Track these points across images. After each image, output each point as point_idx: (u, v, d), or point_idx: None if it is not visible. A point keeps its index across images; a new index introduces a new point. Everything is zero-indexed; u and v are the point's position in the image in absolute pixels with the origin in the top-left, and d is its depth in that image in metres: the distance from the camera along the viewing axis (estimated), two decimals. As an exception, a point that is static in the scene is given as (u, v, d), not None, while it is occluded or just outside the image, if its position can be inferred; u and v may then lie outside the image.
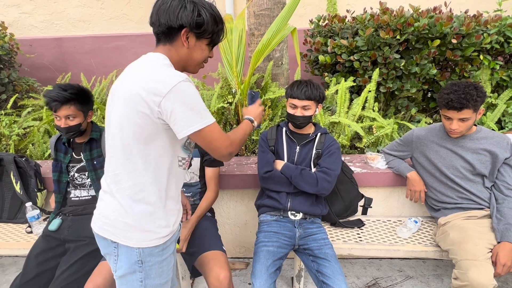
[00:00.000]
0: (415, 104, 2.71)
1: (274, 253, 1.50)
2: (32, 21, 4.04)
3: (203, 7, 0.95)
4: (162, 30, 0.95)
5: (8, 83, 3.11)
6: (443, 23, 2.29)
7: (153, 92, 0.87)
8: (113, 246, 1.00)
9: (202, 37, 0.98)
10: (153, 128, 0.91)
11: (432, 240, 1.71)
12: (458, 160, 1.66)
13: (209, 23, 0.96)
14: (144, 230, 0.98)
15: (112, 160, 0.99)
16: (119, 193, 0.98)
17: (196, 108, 0.91)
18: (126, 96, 0.90)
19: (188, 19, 0.93)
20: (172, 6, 0.93)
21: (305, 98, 1.56)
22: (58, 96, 1.49)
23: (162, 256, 1.03)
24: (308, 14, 3.65)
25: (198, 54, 1.01)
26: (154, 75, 0.89)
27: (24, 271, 1.46)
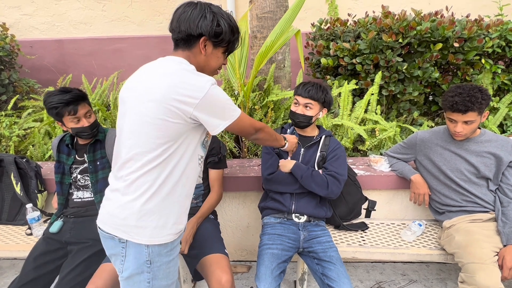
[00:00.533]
0: (417, 108, 2.72)
1: (279, 255, 1.48)
2: (33, 22, 4.04)
3: (222, 18, 1.02)
4: (181, 37, 1.01)
5: (9, 84, 3.09)
6: (446, 27, 2.30)
7: (189, 95, 0.92)
8: (121, 246, 1.00)
9: (219, 45, 1.05)
10: (182, 127, 0.96)
11: (436, 244, 1.70)
12: (463, 163, 1.65)
13: (227, 33, 1.03)
14: (156, 226, 0.99)
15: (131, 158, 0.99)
16: (133, 190, 0.98)
17: (227, 106, 1.00)
18: (159, 96, 0.93)
19: (207, 28, 0.99)
20: (193, 15, 0.99)
21: (307, 96, 1.57)
22: (73, 96, 1.50)
23: (170, 257, 1.04)
24: (309, 17, 3.66)
25: (214, 62, 1.08)
26: (188, 79, 0.94)
27: (22, 273, 1.44)
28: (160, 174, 0.98)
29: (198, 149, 1.06)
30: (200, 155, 1.08)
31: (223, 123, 1.00)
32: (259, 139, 1.23)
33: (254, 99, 2.41)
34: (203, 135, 1.07)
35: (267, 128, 1.24)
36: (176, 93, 0.92)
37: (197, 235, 1.54)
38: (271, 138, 1.31)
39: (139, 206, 0.97)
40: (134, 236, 0.98)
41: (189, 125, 0.97)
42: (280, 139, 1.42)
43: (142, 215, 0.97)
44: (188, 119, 0.95)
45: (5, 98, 2.96)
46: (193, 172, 1.07)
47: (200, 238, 1.53)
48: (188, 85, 0.93)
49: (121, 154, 1.02)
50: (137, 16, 4.00)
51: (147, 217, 0.98)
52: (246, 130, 1.12)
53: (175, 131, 0.96)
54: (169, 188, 0.99)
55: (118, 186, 1.01)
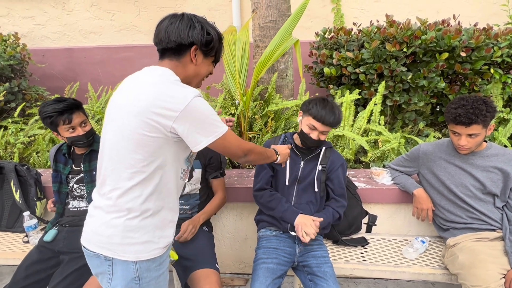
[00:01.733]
0: (423, 118, 2.64)
1: (274, 270, 1.44)
2: (45, 32, 4.16)
3: (210, 26, 1.03)
4: (171, 46, 0.99)
5: (18, 92, 3.17)
6: (452, 36, 2.24)
7: (168, 107, 0.89)
8: (107, 264, 0.97)
9: (209, 54, 1.05)
10: (162, 142, 0.93)
11: (440, 262, 1.62)
12: (468, 178, 1.58)
13: (216, 41, 1.04)
14: (142, 241, 0.96)
15: (112, 173, 0.97)
16: (117, 208, 0.96)
17: (210, 120, 0.95)
18: (139, 109, 0.91)
19: (198, 37, 0.99)
20: (181, 25, 0.98)
21: (330, 125, 1.46)
22: (67, 105, 1.50)
23: (159, 271, 1.02)
24: (315, 26, 3.65)
25: (204, 70, 1.07)
26: (168, 91, 0.91)
27: (12, 281, 1.44)
28: (142, 190, 0.95)
29: (181, 163, 1.03)
30: (182, 169, 1.05)
31: (205, 139, 0.94)
32: (248, 161, 1.15)
33: (255, 108, 2.39)
34: (188, 150, 1.03)
35: (256, 148, 1.15)
36: (155, 105, 0.89)
37: (188, 248, 1.51)
38: (262, 157, 1.22)
39: (123, 223, 0.95)
40: (120, 254, 0.96)
41: (170, 139, 0.94)
42: (271, 155, 1.31)
43: (127, 232, 0.95)
44: (168, 133, 0.92)
45: (14, 105, 3.03)
46: (176, 187, 1.04)
47: (191, 251, 1.50)
48: (168, 97, 0.90)
49: (101, 169, 1.00)
50: (145, 25, 4.07)
51: (133, 234, 0.95)
52: (232, 151, 1.04)
53: (155, 145, 0.93)
54: (152, 204, 0.97)
55: (101, 203, 0.99)
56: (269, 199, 1.58)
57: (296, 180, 1.61)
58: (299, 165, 1.60)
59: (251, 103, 2.39)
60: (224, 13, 3.92)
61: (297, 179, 1.60)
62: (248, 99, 2.18)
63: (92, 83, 3.45)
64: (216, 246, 1.67)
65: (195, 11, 2.51)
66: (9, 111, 3.03)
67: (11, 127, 2.64)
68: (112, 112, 0.99)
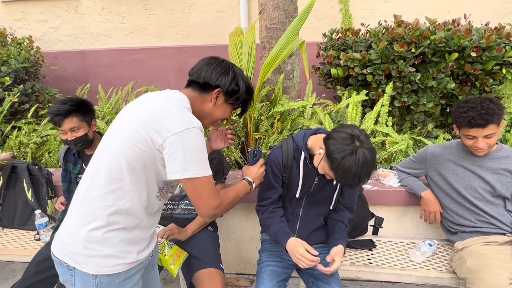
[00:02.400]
0: (433, 119, 2.60)
1: (279, 273, 1.43)
2: (58, 35, 4.27)
3: (242, 79, 1.08)
4: (199, 81, 1.05)
5: (32, 94, 3.26)
6: (461, 36, 2.20)
7: (165, 126, 0.90)
8: (69, 273, 0.94)
9: (231, 103, 1.08)
10: (149, 158, 0.92)
11: (448, 266, 1.59)
12: (477, 180, 1.55)
13: (243, 93, 1.08)
14: (104, 254, 0.91)
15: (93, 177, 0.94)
16: (82, 216, 0.93)
17: (197, 157, 0.93)
18: (137, 120, 0.93)
19: (226, 84, 1.04)
20: (217, 68, 1.05)
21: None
22: (59, 110, 1.52)
23: (123, 287, 0.96)
24: (323, 27, 3.63)
25: (220, 113, 1.09)
26: (174, 112, 0.93)
27: (23, 278, 1.48)
28: (115, 200, 0.91)
29: (159, 184, 0.99)
30: (159, 187, 1.00)
31: (181, 172, 0.90)
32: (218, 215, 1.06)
33: (261, 109, 2.40)
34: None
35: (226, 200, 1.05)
36: (155, 120, 0.91)
37: (193, 247, 1.53)
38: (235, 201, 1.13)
39: (86, 233, 0.91)
40: (80, 264, 0.91)
41: (157, 157, 0.92)
42: (244, 190, 1.19)
43: (89, 243, 0.91)
44: (156, 150, 0.91)
45: (27, 107, 3.12)
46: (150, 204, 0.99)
47: (196, 250, 1.51)
48: (170, 117, 0.91)
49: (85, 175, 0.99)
50: (154, 28, 4.13)
51: (95, 245, 0.91)
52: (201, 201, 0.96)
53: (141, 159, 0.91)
54: (122, 218, 0.93)
55: (71, 209, 0.97)
56: (266, 215, 1.44)
57: (307, 193, 1.44)
58: (313, 181, 1.39)
59: (257, 104, 2.40)
60: (232, 15, 3.95)
61: (308, 193, 1.43)
62: (254, 100, 2.19)
63: (103, 84, 3.52)
64: (221, 246, 1.68)
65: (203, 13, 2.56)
66: (23, 112, 3.12)
67: (24, 128, 2.72)
68: (121, 117, 1.00)
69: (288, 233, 1.37)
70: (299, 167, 1.37)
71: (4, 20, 4.26)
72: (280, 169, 1.39)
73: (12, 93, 2.91)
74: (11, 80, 2.96)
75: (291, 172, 1.40)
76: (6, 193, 2.05)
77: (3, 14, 4.27)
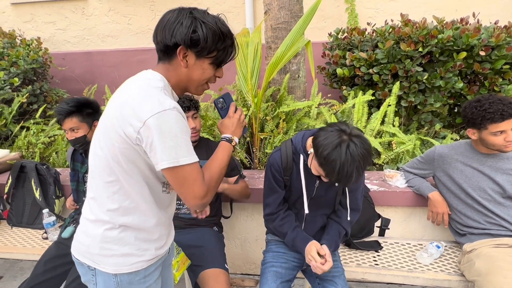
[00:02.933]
0: (440, 119, 2.57)
1: (282, 274, 1.42)
2: (66, 36, 4.32)
3: (202, 23, 0.84)
4: (159, 48, 0.88)
5: (40, 94, 3.31)
6: (470, 35, 2.16)
7: (134, 116, 0.79)
8: (91, 274, 0.94)
9: (202, 55, 0.87)
10: (132, 153, 0.84)
11: (456, 268, 1.57)
12: (486, 181, 1.52)
13: (208, 39, 0.85)
14: (122, 254, 0.90)
15: (93, 182, 0.92)
16: (95, 217, 0.92)
17: (174, 143, 0.80)
18: (110, 117, 0.85)
19: (182, 36, 0.83)
20: (169, 22, 0.85)
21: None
22: (61, 110, 1.55)
23: (144, 284, 0.95)
24: (329, 27, 3.62)
25: (199, 74, 0.90)
26: (139, 98, 0.81)
27: (32, 276, 1.50)
28: (120, 200, 0.89)
29: (159, 177, 0.92)
30: (162, 182, 0.95)
31: (161, 162, 0.80)
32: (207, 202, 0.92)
33: (266, 109, 2.39)
34: None
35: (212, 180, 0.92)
36: (123, 111, 0.81)
37: (198, 247, 1.53)
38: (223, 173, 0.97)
39: (102, 233, 0.90)
40: (100, 264, 0.91)
41: (138, 152, 0.83)
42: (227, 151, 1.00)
43: (105, 243, 0.90)
44: (134, 145, 0.82)
45: (36, 107, 3.17)
46: (158, 200, 0.94)
47: (201, 250, 1.51)
48: (138, 105, 0.80)
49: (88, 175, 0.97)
50: (160, 28, 4.15)
51: (111, 245, 0.90)
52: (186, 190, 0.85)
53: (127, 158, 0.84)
54: (132, 216, 0.90)
55: (84, 210, 0.96)
56: (279, 222, 1.41)
57: (310, 197, 1.40)
58: (315, 184, 1.36)
59: (263, 104, 2.39)
60: (237, 15, 3.95)
61: (311, 197, 1.40)
62: (259, 100, 2.19)
63: (109, 85, 3.55)
64: (226, 246, 1.68)
65: (208, 14, 2.41)
66: (32, 113, 3.16)
67: (33, 128, 2.75)
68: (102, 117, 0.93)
69: (306, 239, 1.35)
70: (299, 171, 1.32)
71: (13, 22, 4.33)
72: (281, 172, 1.36)
73: (21, 94, 2.95)
74: (20, 81, 3.01)
75: (291, 175, 1.37)
76: (15, 192, 2.08)
77: (12, 16, 4.34)
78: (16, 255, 1.82)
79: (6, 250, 1.84)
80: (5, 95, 2.83)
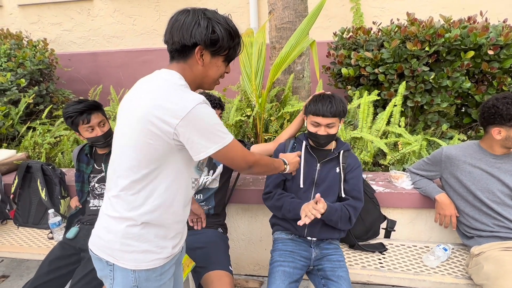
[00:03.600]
0: (447, 120, 2.53)
1: (291, 274, 1.42)
2: (72, 37, 4.36)
3: (218, 23, 0.92)
4: (176, 48, 0.93)
5: (46, 95, 3.34)
6: (478, 34, 2.13)
7: (169, 114, 0.85)
8: (109, 269, 0.96)
9: (218, 54, 0.96)
10: (166, 149, 0.89)
11: (464, 272, 1.54)
12: (495, 183, 1.49)
13: (224, 39, 0.93)
14: (142, 250, 0.94)
15: (118, 179, 0.95)
16: (118, 213, 0.94)
17: (212, 130, 0.89)
18: (140, 116, 0.88)
19: (202, 37, 0.90)
20: (185, 23, 0.90)
21: (330, 115, 1.43)
22: (86, 105, 1.57)
23: (159, 282, 0.98)
24: (334, 26, 3.59)
25: (214, 71, 0.99)
26: (170, 97, 0.87)
27: (36, 276, 1.51)
28: (145, 197, 0.92)
29: (190, 172, 0.99)
30: (194, 178, 1.02)
31: (207, 149, 0.89)
32: (253, 173, 1.11)
33: (270, 110, 2.38)
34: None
35: (262, 160, 1.09)
36: (155, 112, 0.86)
37: (202, 249, 1.52)
38: (269, 169, 1.16)
39: (123, 229, 0.93)
40: (119, 260, 0.94)
41: (174, 147, 0.90)
42: (279, 166, 1.24)
43: (126, 239, 0.93)
44: (171, 140, 0.88)
45: (42, 108, 3.19)
46: (183, 197, 1.00)
47: (205, 252, 1.51)
48: (170, 103, 0.86)
49: (110, 173, 0.99)
50: (164, 29, 4.15)
51: (132, 242, 0.93)
52: (236, 162, 0.98)
53: (158, 153, 0.89)
54: (156, 213, 0.94)
55: (106, 207, 0.98)
56: (276, 197, 1.56)
57: (313, 184, 1.55)
58: (315, 167, 1.55)
59: (267, 105, 2.38)
60: (241, 15, 3.94)
61: (314, 183, 1.54)
62: (263, 100, 2.18)
63: (114, 86, 3.57)
64: (231, 247, 1.68)
65: (213, 14, 2.39)
66: (38, 113, 3.19)
67: (39, 128, 2.78)
68: (120, 117, 0.98)
69: (301, 202, 1.48)
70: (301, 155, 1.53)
71: (20, 23, 4.38)
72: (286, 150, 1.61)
73: (28, 95, 2.98)
74: (27, 82, 3.04)
75: None
76: (21, 192, 2.10)
77: (20, 18, 4.39)
78: (22, 255, 1.84)
79: (13, 249, 1.85)
80: (12, 96, 2.86)
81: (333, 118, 1.46)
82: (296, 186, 1.56)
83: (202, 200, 1.67)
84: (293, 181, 1.58)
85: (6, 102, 2.84)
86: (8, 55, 3.14)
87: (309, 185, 1.55)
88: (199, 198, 1.67)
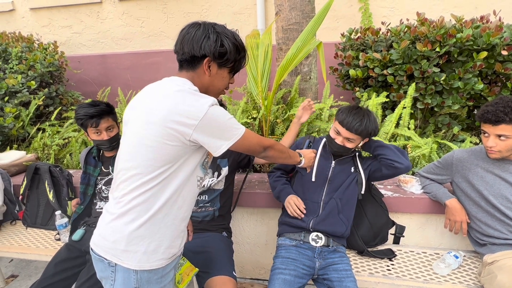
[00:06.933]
0: (459, 122, 2.46)
1: (291, 283, 1.39)
2: (82, 39, 4.42)
3: (226, 37, 1.00)
4: (185, 58, 1.00)
5: (56, 97, 3.39)
6: (491, 34, 2.06)
7: (188, 116, 0.91)
8: (110, 270, 0.98)
9: (224, 66, 1.03)
10: (181, 150, 0.94)
11: (476, 280, 1.49)
12: (509, 188, 1.44)
13: (232, 52, 1.01)
14: (147, 251, 0.96)
15: (127, 179, 0.97)
16: (125, 213, 0.96)
17: (228, 125, 0.97)
18: (159, 117, 0.93)
19: (211, 49, 0.98)
20: (196, 36, 0.98)
21: (354, 132, 1.44)
22: (97, 110, 1.58)
23: (160, 284, 1.00)
24: (342, 27, 3.55)
25: (219, 81, 1.06)
26: (187, 100, 0.93)
27: (42, 278, 1.51)
28: (155, 197, 0.95)
29: (197, 171, 1.03)
30: (199, 177, 1.05)
31: (226, 143, 0.97)
32: (268, 157, 1.18)
33: (277, 112, 2.36)
34: (204, 157, 1.04)
35: (277, 145, 1.19)
36: (175, 115, 0.91)
37: (206, 253, 1.51)
38: (283, 155, 1.25)
39: (130, 230, 0.95)
40: (123, 260, 0.96)
41: (188, 147, 0.95)
42: (294, 156, 1.35)
43: (132, 239, 0.95)
44: (187, 141, 0.94)
45: (52, 109, 3.24)
46: (191, 195, 1.04)
47: (208, 256, 1.49)
48: (187, 107, 0.92)
49: (117, 174, 1.01)
50: (172, 31, 4.18)
51: (137, 241, 0.95)
52: (253, 148, 1.08)
53: (173, 154, 0.94)
54: (163, 212, 0.97)
55: (112, 207, 1.00)
56: (275, 178, 1.71)
57: (327, 180, 1.58)
58: (330, 165, 1.60)
59: (273, 107, 2.36)
60: (248, 17, 3.93)
61: (327, 179, 1.58)
62: (269, 102, 2.16)
63: (122, 87, 3.60)
64: (236, 251, 1.66)
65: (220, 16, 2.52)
66: (48, 115, 3.24)
67: (48, 130, 2.81)
68: (130, 119, 1.01)
69: (289, 192, 1.61)
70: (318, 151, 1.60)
71: (32, 26, 4.46)
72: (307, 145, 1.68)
73: (38, 96, 3.03)
74: (37, 84, 3.09)
75: None
76: (29, 193, 2.13)
77: (31, 21, 4.47)
78: (30, 256, 1.86)
79: (21, 250, 1.87)
80: (22, 98, 2.90)
81: (355, 135, 1.46)
82: (307, 180, 1.60)
83: (207, 201, 1.66)
84: (305, 173, 1.61)
85: (17, 104, 2.89)
86: (19, 58, 3.20)
87: (322, 181, 1.59)
88: (204, 199, 1.66)
